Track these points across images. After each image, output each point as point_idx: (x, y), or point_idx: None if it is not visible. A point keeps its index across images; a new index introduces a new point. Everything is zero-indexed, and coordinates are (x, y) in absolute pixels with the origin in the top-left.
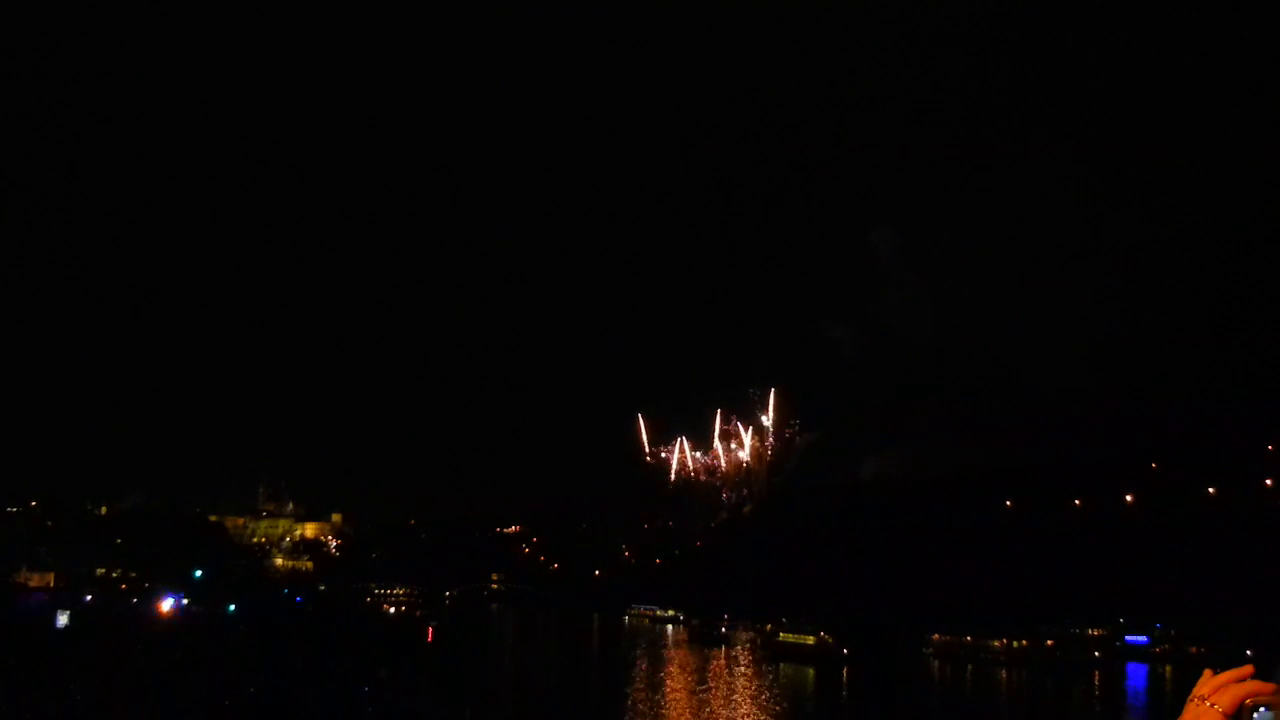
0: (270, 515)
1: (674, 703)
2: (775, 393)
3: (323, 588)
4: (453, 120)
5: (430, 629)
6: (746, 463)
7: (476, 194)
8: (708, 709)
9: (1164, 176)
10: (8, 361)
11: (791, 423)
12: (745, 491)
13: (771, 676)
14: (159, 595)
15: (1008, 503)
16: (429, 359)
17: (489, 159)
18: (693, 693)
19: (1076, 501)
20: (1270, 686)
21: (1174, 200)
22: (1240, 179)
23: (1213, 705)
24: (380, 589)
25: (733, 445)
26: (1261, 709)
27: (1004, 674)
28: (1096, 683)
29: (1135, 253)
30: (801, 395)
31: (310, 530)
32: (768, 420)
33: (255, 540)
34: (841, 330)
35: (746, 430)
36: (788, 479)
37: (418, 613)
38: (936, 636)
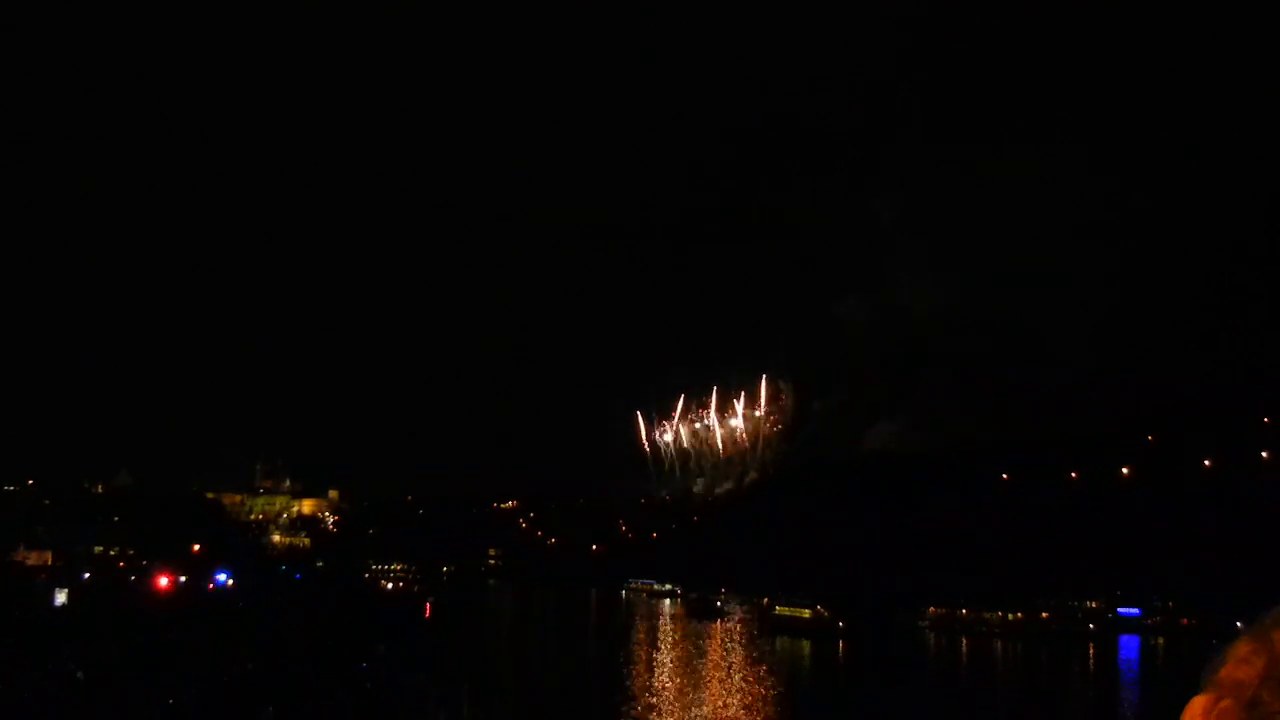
0: (267, 492)
1: (670, 677)
2: (765, 380)
3: (320, 564)
4: (455, 114)
5: (428, 605)
6: (743, 425)
7: (472, 177)
8: (705, 684)
9: (1165, 152)
10: (5, 343)
11: (785, 394)
12: (748, 453)
13: (768, 650)
14: (156, 573)
15: (1004, 475)
16: (426, 335)
17: (488, 148)
18: (689, 667)
19: (1073, 474)
20: None
21: (1174, 175)
22: (1242, 156)
23: None
24: (378, 565)
25: (732, 411)
26: None
27: (999, 646)
28: (1091, 655)
29: (1135, 227)
30: (800, 369)
31: (307, 507)
32: (763, 393)
33: (252, 517)
34: (844, 303)
35: (741, 400)
36: (785, 453)
37: (415, 589)
38: (932, 609)
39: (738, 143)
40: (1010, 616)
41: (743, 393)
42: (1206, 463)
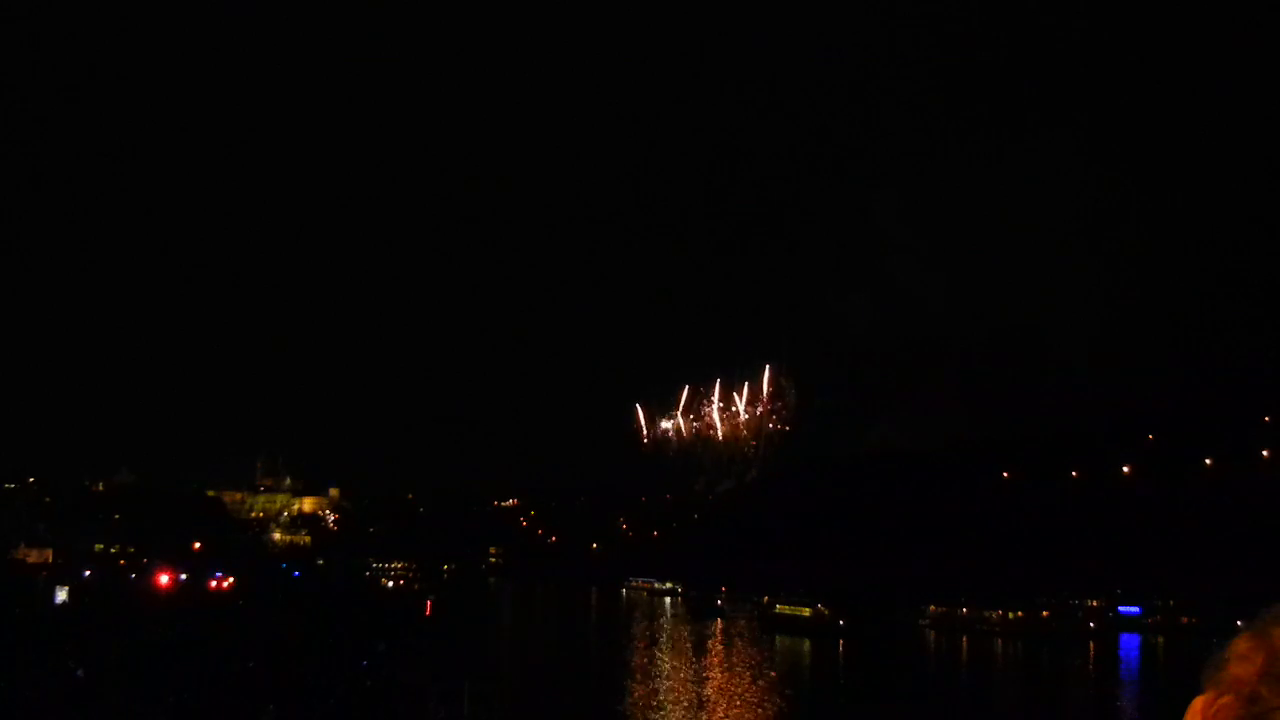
0: (268, 490)
1: (670, 676)
2: (769, 368)
3: (321, 562)
4: (454, 112)
5: (429, 603)
6: (744, 423)
7: (473, 172)
8: (704, 683)
9: (1166, 151)
10: (7, 340)
11: (786, 392)
12: (749, 451)
13: (768, 648)
14: (157, 571)
15: (1005, 474)
16: (427, 334)
17: (487, 145)
18: (689, 665)
19: (1074, 473)
20: None
21: (1175, 175)
22: (1243, 155)
23: None
24: (379, 563)
25: (733, 409)
26: None
27: (1000, 644)
28: (1091, 653)
29: (1136, 226)
30: (803, 367)
31: (308, 505)
32: (764, 392)
33: (253, 515)
34: (846, 302)
35: (743, 399)
36: (786, 451)
37: (416, 586)
38: (933, 608)
39: (740, 139)
40: (1011, 615)
41: (746, 383)
42: (1207, 461)
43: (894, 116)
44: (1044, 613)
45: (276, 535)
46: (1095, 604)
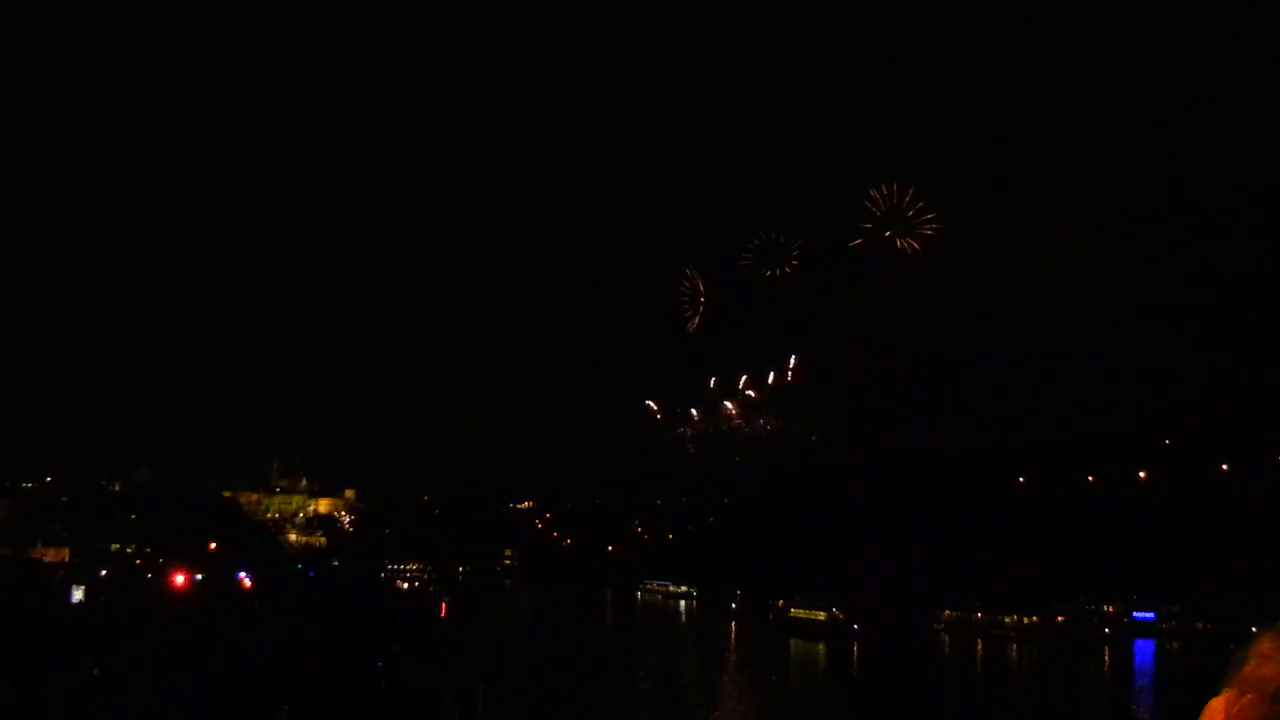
0: (284, 491)
1: (683, 679)
2: (794, 359)
3: (336, 563)
4: (463, 112)
5: (444, 604)
6: (762, 422)
7: (482, 172)
8: (715, 686)
9: (1182, 152)
10: (23, 338)
11: (808, 398)
12: (766, 451)
13: (782, 653)
14: (173, 570)
15: (1020, 479)
16: (442, 336)
17: (498, 147)
18: (702, 669)
19: (1090, 477)
20: None
21: (1191, 177)
22: (1256, 157)
23: None
24: (394, 565)
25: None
26: None
27: (1015, 649)
28: (1106, 659)
29: (1153, 228)
30: (819, 371)
31: (324, 506)
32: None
33: (269, 516)
34: (861, 306)
35: (762, 394)
36: (803, 454)
37: (431, 588)
38: (948, 612)
39: (745, 139)
40: (1025, 620)
41: (771, 372)
42: (1224, 467)
43: (904, 116)
44: (1059, 618)
45: (292, 536)
46: (1110, 609)
